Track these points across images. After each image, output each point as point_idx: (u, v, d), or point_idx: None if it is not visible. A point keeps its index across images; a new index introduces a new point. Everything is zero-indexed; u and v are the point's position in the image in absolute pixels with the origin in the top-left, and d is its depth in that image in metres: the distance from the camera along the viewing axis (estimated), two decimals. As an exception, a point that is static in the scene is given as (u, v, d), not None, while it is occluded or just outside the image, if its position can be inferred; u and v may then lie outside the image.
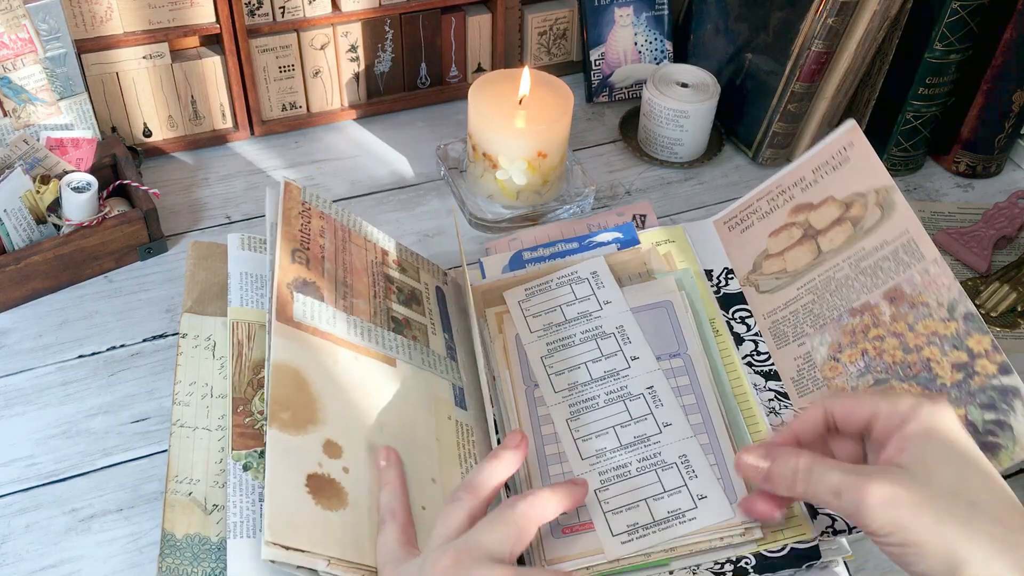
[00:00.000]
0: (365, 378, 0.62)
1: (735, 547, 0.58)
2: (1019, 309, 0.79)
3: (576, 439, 0.64)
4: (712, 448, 0.62)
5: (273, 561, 0.50)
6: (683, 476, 0.60)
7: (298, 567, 0.51)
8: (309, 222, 0.66)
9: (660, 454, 0.62)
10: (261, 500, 0.55)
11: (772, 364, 0.68)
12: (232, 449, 0.57)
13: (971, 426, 0.59)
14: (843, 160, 0.71)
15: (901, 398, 0.52)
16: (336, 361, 0.61)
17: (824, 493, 0.50)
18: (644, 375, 0.66)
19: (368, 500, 0.56)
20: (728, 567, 0.58)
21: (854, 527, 0.59)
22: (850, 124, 0.71)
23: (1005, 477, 0.67)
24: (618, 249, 0.77)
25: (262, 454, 0.58)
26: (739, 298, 0.72)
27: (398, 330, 0.67)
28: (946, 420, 0.50)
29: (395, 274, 0.71)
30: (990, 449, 0.58)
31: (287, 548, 0.50)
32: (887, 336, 0.64)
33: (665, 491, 0.60)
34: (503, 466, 0.56)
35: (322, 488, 0.54)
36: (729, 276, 0.74)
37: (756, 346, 0.69)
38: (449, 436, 0.63)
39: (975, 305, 0.80)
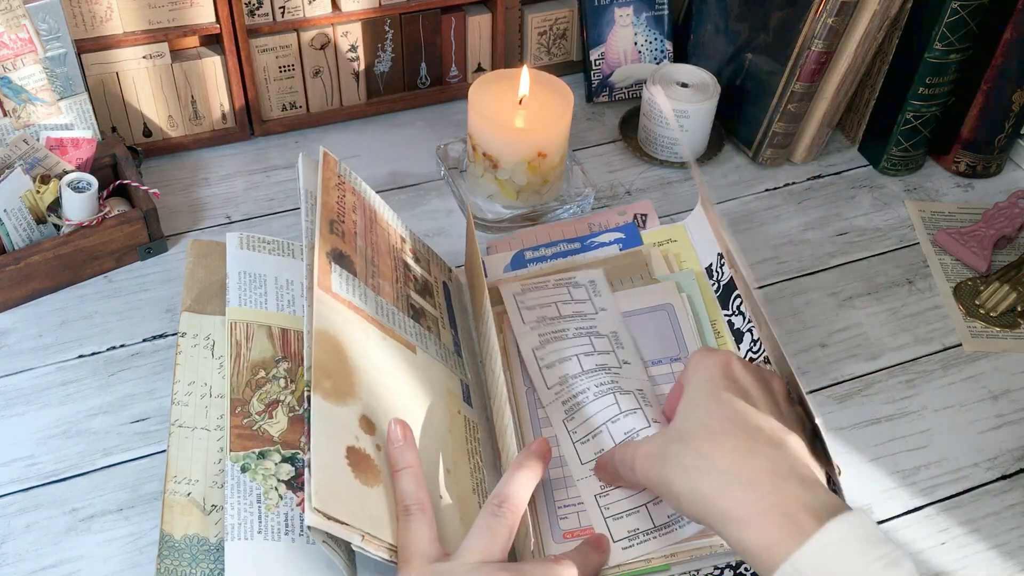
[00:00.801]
0: (392, 359, 0.61)
1: (735, 553, 0.58)
2: (1019, 309, 0.79)
3: (575, 442, 0.63)
4: None
5: (310, 528, 0.49)
6: None
7: (325, 540, 0.51)
8: (344, 196, 0.66)
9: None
10: (259, 502, 0.55)
11: (765, 352, 0.68)
12: (230, 451, 0.57)
13: None
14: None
15: (690, 358, 0.57)
16: (368, 337, 0.60)
17: (629, 474, 0.56)
18: (634, 378, 0.66)
19: (384, 487, 0.55)
20: (728, 572, 0.58)
21: None
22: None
23: (1004, 478, 0.67)
24: (620, 250, 0.76)
25: (260, 455, 0.58)
26: (733, 285, 0.72)
27: (415, 318, 0.67)
28: (705, 372, 0.55)
29: (411, 263, 0.70)
30: None
31: (328, 518, 0.50)
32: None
33: None
34: (532, 475, 0.57)
35: (359, 462, 0.54)
36: (723, 262, 0.73)
37: (752, 335, 0.69)
38: (459, 430, 0.63)
39: (975, 305, 0.80)
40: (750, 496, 0.48)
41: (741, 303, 0.70)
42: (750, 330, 0.69)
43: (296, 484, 0.57)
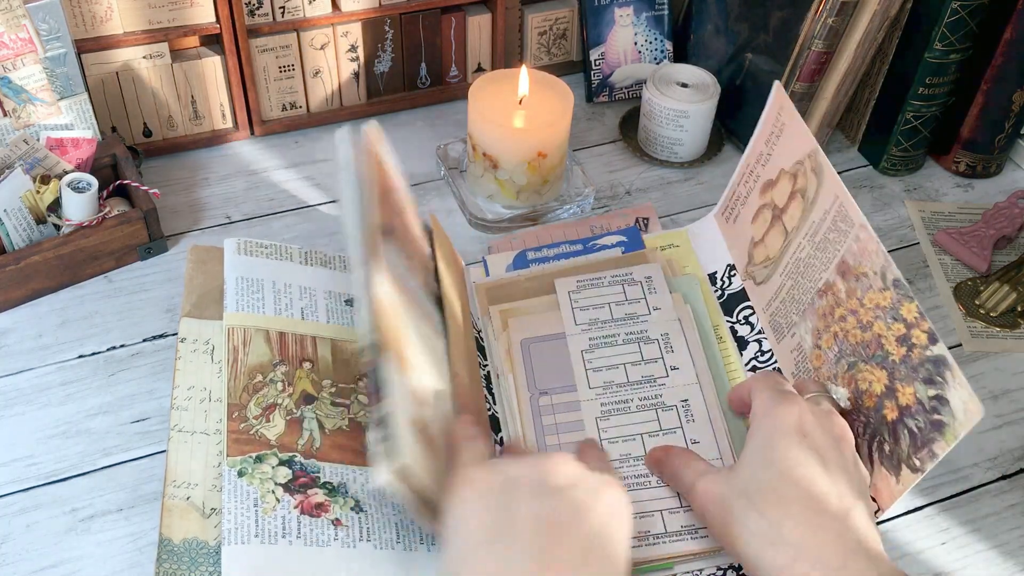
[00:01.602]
0: (427, 341, 0.61)
1: None
2: (1019, 309, 0.79)
3: (602, 440, 0.63)
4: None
5: (384, 488, 0.49)
6: None
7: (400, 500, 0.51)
8: (387, 175, 0.65)
9: None
10: (256, 505, 0.55)
11: (776, 362, 0.68)
12: (227, 455, 0.57)
13: (920, 405, 0.55)
14: (781, 127, 0.66)
15: (760, 396, 0.57)
16: (411, 316, 0.59)
17: (685, 491, 0.58)
18: (681, 387, 0.65)
19: (442, 461, 0.55)
20: (731, 572, 0.58)
21: None
22: (776, 87, 0.66)
23: (1004, 478, 0.67)
24: (623, 252, 0.76)
25: (257, 459, 0.58)
26: (742, 296, 0.72)
27: (439, 307, 0.66)
28: (777, 421, 0.55)
29: (430, 255, 0.70)
30: (938, 429, 0.54)
31: (404, 479, 0.50)
32: (847, 315, 0.61)
33: (682, 506, 0.60)
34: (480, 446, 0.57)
35: (423, 431, 0.53)
36: (732, 273, 0.73)
37: (760, 346, 0.69)
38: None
39: (975, 305, 0.80)
40: (818, 572, 0.49)
41: (751, 315, 0.70)
42: (758, 340, 0.69)
43: (293, 487, 0.57)
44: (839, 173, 0.94)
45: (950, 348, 0.76)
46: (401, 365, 0.54)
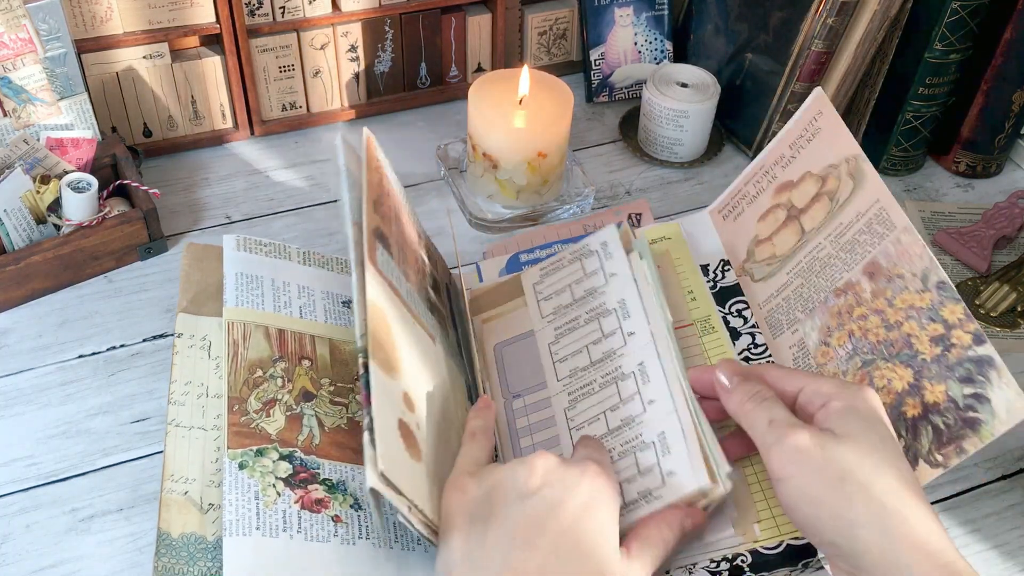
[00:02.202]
0: (420, 346, 0.61)
1: (732, 547, 0.58)
2: (1019, 309, 0.79)
3: (571, 429, 0.64)
4: (680, 419, 0.61)
5: (372, 491, 0.50)
6: (658, 454, 0.59)
7: (375, 508, 0.51)
8: (382, 179, 0.65)
9: (641, 435, 0.61)
10: (257, 498, 0.55)
11: (770, 356, 0.68)
12: (228, 448, 0.57)
13: (951, 403, 0.56)
14: (815, 131, 0.68)
15: (826, 381, 0.57)
16: (403, 318, 0.60)
17: (762, 421, 0.55)
18: (638, 350, 0.65)
19: (432, 463, 0.55)
20: (724, 565, 0.58)
21: None
22: (817, 92, 0.68)
23: (1004, 478, 0.67)
24: None
25: (258, 453, 0.58)
26: (736, 290, 0.72)
27: (432, 311, 0.66)
28: (867, 401, 0.55)
29: (425, 258, 0.70)
30: (971, 426, 0.55)
31: (388, 484, 0.50)
32: (870, 314, 0.62)
33: (639, 472, 0.59)
34: (484, 441, 0.59)
35: (408, 435, 0.54)
36: (726, 268, 0.74)
37: (753, 339, 0.69)
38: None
39: (975, 305, 0.80)
40: (925, 525, 0.50)
41: (744, 308, 0.70)
42: (751, 334, 0.69)
43: (294, 481, 0.57)
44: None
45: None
46: (387, 369, 0.54)
